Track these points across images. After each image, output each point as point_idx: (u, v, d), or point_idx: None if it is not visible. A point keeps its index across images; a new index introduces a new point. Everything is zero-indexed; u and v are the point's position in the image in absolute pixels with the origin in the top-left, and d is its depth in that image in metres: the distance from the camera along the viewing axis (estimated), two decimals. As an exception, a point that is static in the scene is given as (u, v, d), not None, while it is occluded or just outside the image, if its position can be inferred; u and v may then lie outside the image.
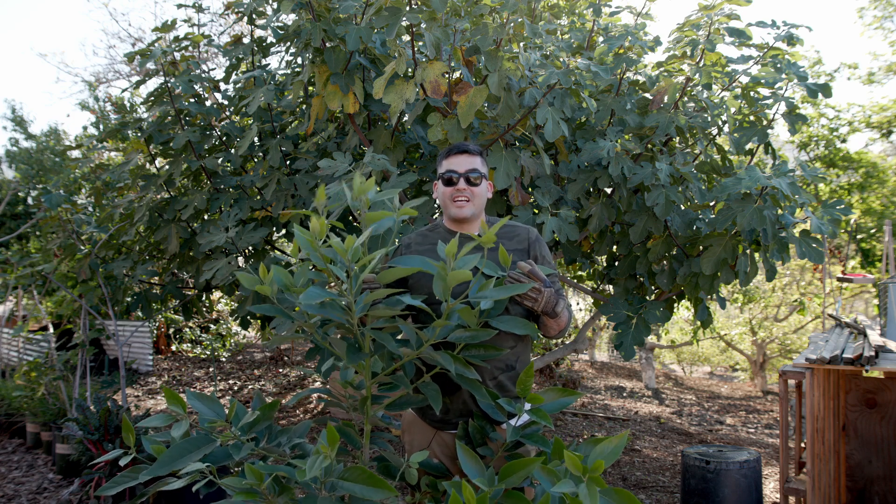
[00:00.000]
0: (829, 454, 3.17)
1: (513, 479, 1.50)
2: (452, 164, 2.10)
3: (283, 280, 1.62)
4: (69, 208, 4.87)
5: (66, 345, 6.42)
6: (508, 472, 1.51)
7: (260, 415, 1.66)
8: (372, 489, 1.43)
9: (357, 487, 1.44)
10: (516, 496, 1.48)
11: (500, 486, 1.49)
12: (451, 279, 1.58)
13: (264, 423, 1.67)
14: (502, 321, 1.80)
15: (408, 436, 2.15)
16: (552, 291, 1.88)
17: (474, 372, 1.73)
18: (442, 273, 1.59)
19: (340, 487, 1.46)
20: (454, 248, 1.58)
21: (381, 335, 1.64)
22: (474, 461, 1.58)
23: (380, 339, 1.64)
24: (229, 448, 1.55)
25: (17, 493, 4.14)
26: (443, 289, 1.60)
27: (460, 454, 1.60)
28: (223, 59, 10.70)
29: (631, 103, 3.82)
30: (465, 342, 1.74)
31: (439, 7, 2.96)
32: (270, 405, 1.69)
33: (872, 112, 11.80)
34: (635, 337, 3.81)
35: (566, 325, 2.02)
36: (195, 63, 4.25)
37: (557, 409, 1.83)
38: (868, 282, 7.45)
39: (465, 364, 1.72)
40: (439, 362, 1.71)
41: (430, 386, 1.78)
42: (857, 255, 11.48)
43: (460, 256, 1.62)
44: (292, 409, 6.44)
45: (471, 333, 1.74)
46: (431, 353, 1.70)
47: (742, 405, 8.61)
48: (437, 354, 1.69)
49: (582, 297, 9.81)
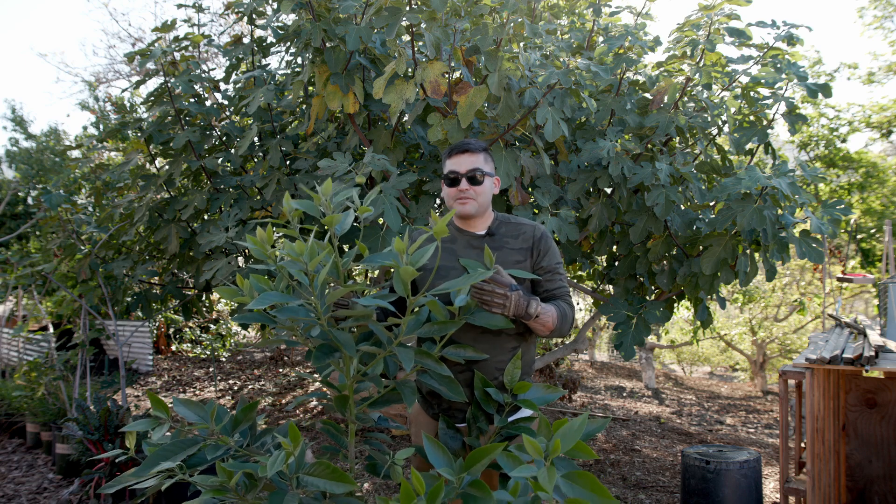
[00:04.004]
0: (829, 454, 3.17)
1: (476, 468, 1.51)
2: (455, 163, 2.10)
3: (261, 287, 1.64)
4: (69, 208, 4.87)
5: (66, 345, 6.42)
6: (472, 461, 1.53)
7: (239, 416, 1.69)
8: (335, 483, 1.49)
9: (321, 482, 1.51)
10: (481, 484, 1.48)
11: (464, 475, 1.49)
12: (403, 273, 1.59)
13: (245, 423, 1.70)
14: (477, 317, 1.81)
15: (413, 428, 2.20)
16: (520, 295, 1.86)
17: (445, 368, 1.75)
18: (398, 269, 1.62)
19: (306, 482, 1.51)
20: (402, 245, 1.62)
21: (340, 335, 1.65)
22: (441, 452, 1.58)
23: (339, 340, 1.65)
24: (206, 449, 1.58)
25: (17, 493, 4.14)
26: (402, 284, 1.63)
27: (426, 446, 1.60)
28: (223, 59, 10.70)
29: (631, 103, 3.82)
30: (433, 335, 1.76)
31: (439, 7, 2.96)
32: (249, 406, 1.72)
33: (872, 112, 11.80)
34: (635, 337, 3.81)
35: (557, 326, 1.98)
36: (195, 63, 4.25)
37: (542, 404, 1.88)
38: (868, 282, 7.45)
39: (436, 360, 1.74)
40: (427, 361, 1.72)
41: (406, 384, 1.79)
42: (857, 255, 11.48)
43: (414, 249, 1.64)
44: (292, 411, 6.45)
45: (438, 326, 1.75)
46: (395, 349, 1.71)
47: (742, 405, 8.61)
48: (399, 350, 1.69)
49: (582, 297, 9.81)
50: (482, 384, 1.94)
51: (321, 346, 1.66)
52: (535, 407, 1.83)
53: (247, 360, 9.74)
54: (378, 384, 1.78)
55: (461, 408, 2.05)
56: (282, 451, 1.45)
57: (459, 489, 1.48)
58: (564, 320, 2.02)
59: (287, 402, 6.87)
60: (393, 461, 1.73)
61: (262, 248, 1.62)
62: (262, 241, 1.63)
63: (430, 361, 1.73)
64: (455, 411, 2.06)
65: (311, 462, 1.55)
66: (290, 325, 1.69)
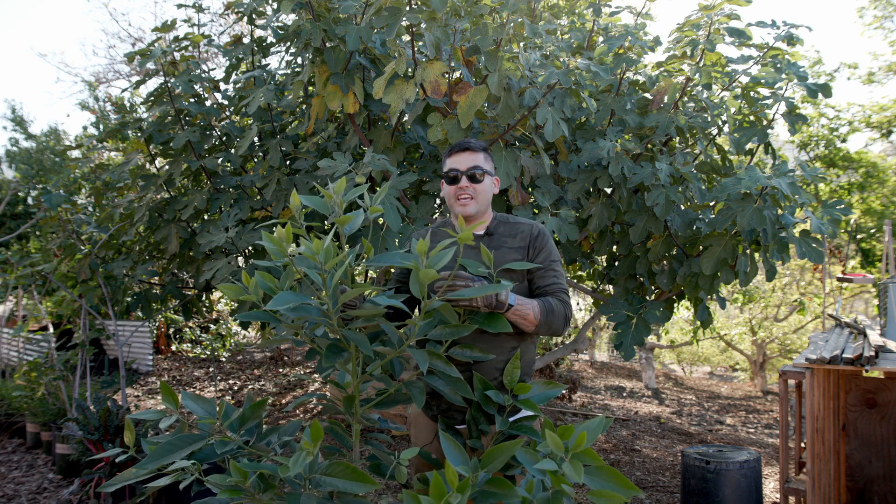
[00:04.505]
0: (829, 454, 3.17)
1: (495, 464, 1.51)
2: (455, 162, 2.11)
3: (267, 285, 1.63)
4: (69, 208, 4.87)
5: (66, 345, 6.42)
6: (490, 458, 1.52)
7: (247, 413, 1.68)
8: (355, 483, 1.46)
9: (340, 482, 1.47)
10: (501, 482, 1.47)
11: (481, 472, 1.49)
12: (423, 277, 1.58)
13: (253, 421, 1.68)
14: (475, 319, 1.81)
15: (413, 429, 2.20)
16: (484, 284, 1.82)
17: (455, 369, 1.74)
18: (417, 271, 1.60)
19: (324, 483, 1.48)
20: (423, 247, 1.59)
21: (354, 335, 1.63)
22: (457, 450, 1.57)
23: (352, 340, 1.63)
24: (214, 445, 1.56)
25: (17, 493, 4.14)
26: (420, 287, 1.61)
27: (443, 443, 1.59)
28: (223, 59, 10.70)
29: (631, 103, 3.82)
30: (445, 339, 1.75)
31: (439, 7, 2.96)
32: (258, 404, 1.70)
33: (872, 112, 11.80)
34: (635, 337, 3.81)
35: (543, 320, 1.95)
36: (195, 63, 4.25)
37: (543, 401, 1.87)
38: (868, 282, 7.45)
39: (445, 361, 1.73)
40: (438, 362, 1.71)
41: (415, 384, 1.78)
42: (857, 255, 11.48)
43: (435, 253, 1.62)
44: (293, 411, 6.45)
45: (451, 329, 1.74)
46: (409, 350, 1.70)
47: (742, 405, 8.61)
48: (413, 351, 1.68)
49: (582, 297, 9.81)
50: (482, 385, 1.93)
51: (330, 346, 1.65)
52: (536, 408, 1.82)
53: (247, 360, 9.74)
54: (387, 384, 1.77)
55: (460, 409, 2.04)
56: (303, 452, 1.43)
57: (476, 487, 1.48)
58: (552, 314, 1.97)
59: (287, 402, 6.87)
60: (398, 462, 1.73)
61: (280, 246, 1.60)
62: (279, 240, 1.61)
63: (439, 362, 1.72)
64: (454, 412, 2.05)
65: (327, 462, 1.52)
66: (296, 325, 1.69)
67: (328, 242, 1.55)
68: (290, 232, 1.61)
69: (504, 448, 1.51)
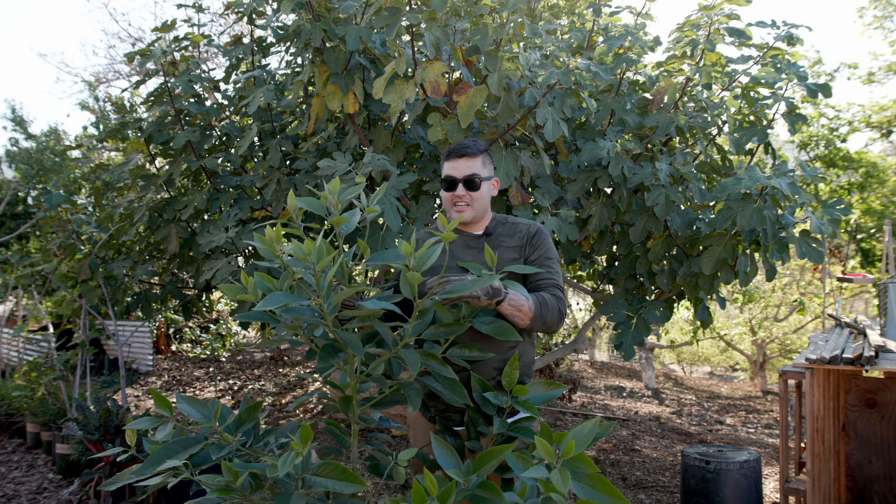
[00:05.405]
0: (829, 454, 3.17)
1: (486, 468, 1.50)
2: (452, 167, 2.10)
3: (265, 285, 1.62)
4: (69, 208, 4.87)
5: (66, 345, 6.42)
6: (482, 462, 1.52)
7: (243, 415, 1.68)
8: (344, 483, 1.46)
9: (329, 482, 1.47)
10: (491, 486, 1.47)
11: (473, 476, 1.49)
12: (411, 278, 1.57)
13: (249, 423, 1.69)
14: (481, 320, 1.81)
15: (412, 430, 2.19)
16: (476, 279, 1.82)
17: (451, 371, 1.73)
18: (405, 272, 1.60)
19: (314, 483, 1.48)
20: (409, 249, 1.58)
21: (347, 336, 1.63)
22: (449, 453, 1.57)
23: (345, 341, 1.62)
24: (209, 448, 1.57)
25: (17, 493, 4.14)
26: (409, 287, 1.61)
27: (435, 447, 1.58)
28: (223, 59, 10.70)
29: (631, 103, 3.82)
30: (439, 338, 1.75)
31: (439, 7, 2.96)
32: (254, 406, 1.71)
33: (872, 112, 11.80)
34: (635, 337, 3.81)
35: (537, 313, 1.93)
36: (195, 63, 4.25)
37: (543, 402, 1.86)
38: (868, 282, 7.45)
39: (440, 362, 1.73)
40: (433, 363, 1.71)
41: (412, 385, 1.78)
42: (857, 255, 11.48)
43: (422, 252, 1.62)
44: (292, 411, 6.45)
45: (445, 329, 1.74)
46: (402, 351, 1.69)
47: (742, 405, 8.61)
48: (405, 352, 1.67)
49: (582, 297, 9.81)
50: (480, 386, 1.93)
51: (326, 346, 1.65)
52: (534, 410, 1.81)
53: (247, 360, 9.74)
54: (383, 385, 1.77)
55: (459, 410, 2.03)
56: (292, 452, 1.43)
57: (467, 490, 1.47)
58: (545, 307, 1.95)
59: (287, 402, 6.87)
60: (396, 462, 1.73)
61: (271, 247, 1.61)
62: (270, 241, 1.61)
63: (435, 364, 1.72)
64: (452, 413, 2.04)
65: (318, 462, 1.53)
66: (294, 325, 1.69)
67: (320, 242, 1.54)
68: (279, 232, 1.61)
69: (496, 452, 1.50)
